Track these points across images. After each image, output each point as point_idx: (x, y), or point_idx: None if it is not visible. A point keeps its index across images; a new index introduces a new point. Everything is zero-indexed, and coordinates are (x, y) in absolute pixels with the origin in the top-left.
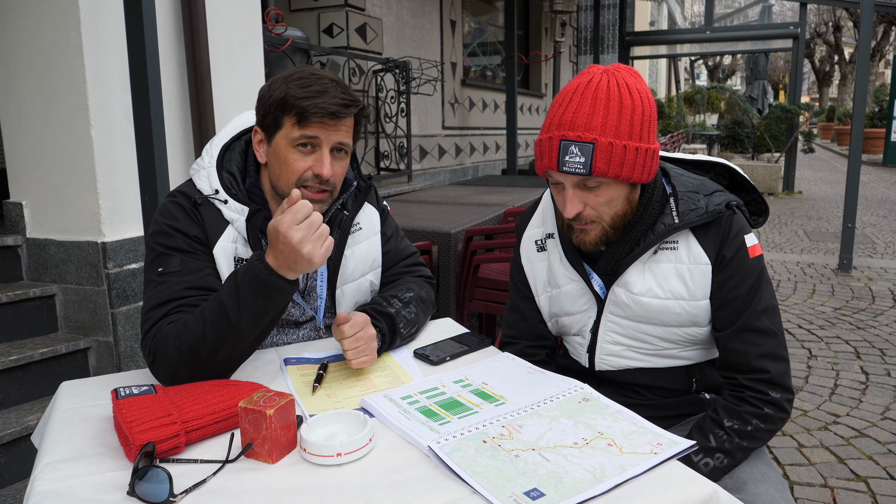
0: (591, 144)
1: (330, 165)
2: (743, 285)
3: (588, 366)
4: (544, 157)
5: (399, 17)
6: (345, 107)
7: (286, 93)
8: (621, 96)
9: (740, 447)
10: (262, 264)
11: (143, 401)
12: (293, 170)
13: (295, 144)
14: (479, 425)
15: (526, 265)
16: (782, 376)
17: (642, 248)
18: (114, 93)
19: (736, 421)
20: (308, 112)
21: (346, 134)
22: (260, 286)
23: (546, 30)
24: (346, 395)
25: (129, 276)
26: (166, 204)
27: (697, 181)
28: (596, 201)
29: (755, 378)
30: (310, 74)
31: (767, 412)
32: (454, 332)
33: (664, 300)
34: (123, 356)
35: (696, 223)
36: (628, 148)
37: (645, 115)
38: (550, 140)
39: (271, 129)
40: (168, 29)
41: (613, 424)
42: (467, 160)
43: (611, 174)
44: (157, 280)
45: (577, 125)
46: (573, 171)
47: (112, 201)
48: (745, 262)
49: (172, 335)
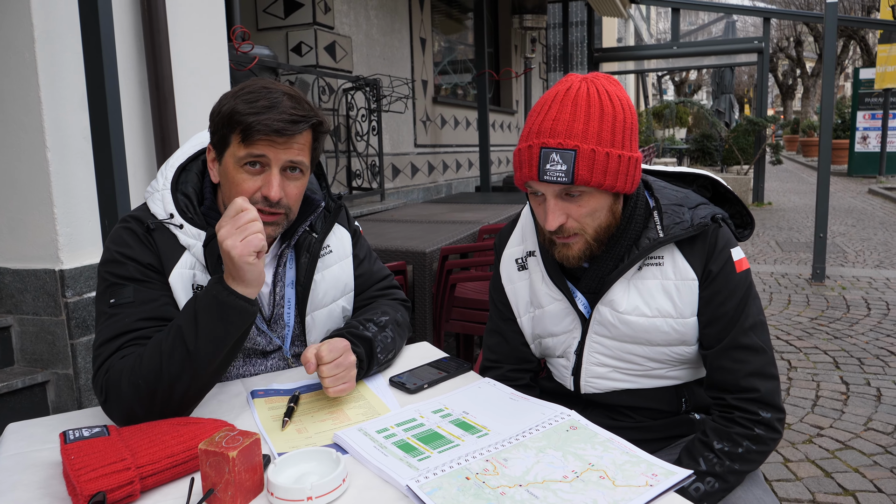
0: (573, 152)
1: (279, 186)
2: (730, 301)
3: (573, 389)
4: (524, 166)
5: (369, 36)
6: (293, 123)
7: (232, 108)
8: (602, 103)
9: (732, 470)
10: (221, 284)
11: (94, 444)
12: (241, 191)
13: (242, 164)
14: (461, 460)
15: (507, 285)
16: (772, 395)
17: (627, 264)
18: (71, 112)
19: (726, 443)
20: (252, 129)
21: (298, 152)
22: (218, 307)
23: (516, 47)
24: (317, 430)
25: (90, 304)
26: (118, 230)
27: (681, 194)
28: (579, 212)
29: (744, 398)
30: (260, 88)
31: (758, 433)
32: (431, 357)
33: (651, 318)
34: (84, 390)
35: (682, 237)
36: (611, 155)
37: (626, 122)
38: (530, 149)
39: (220, 147)
40: (128, 46)
41: (604, 454)
42: (440, 178)
43: (594, 182)
44: (109, 312)
45: (558, 132)
46: (555, 179)
47: (70, 226)
48: (732, 276)
49: (126, 370)
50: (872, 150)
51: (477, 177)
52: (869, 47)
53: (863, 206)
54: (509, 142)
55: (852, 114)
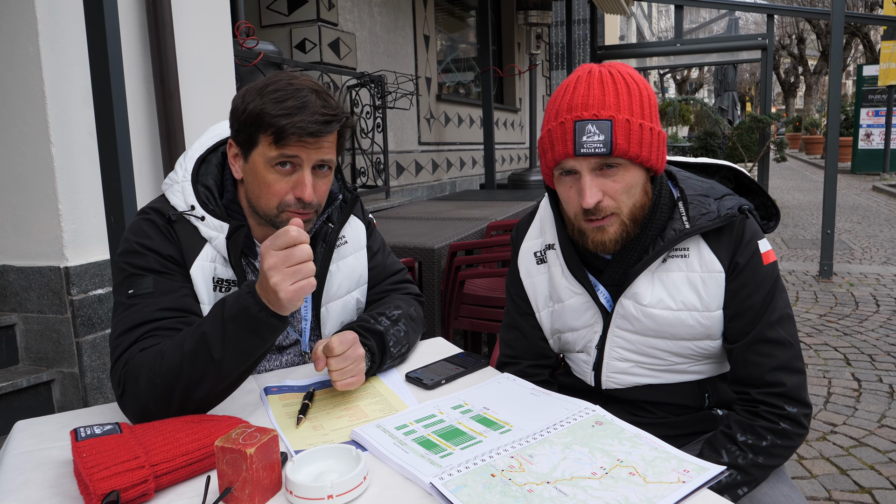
0: (609, 121)
1: (312, 187)
2: (757, 294)
3: (594, 384)
4: (556, 144)
5: (372, 33)
6: (326, 124)
7: (261, 109)
8: (626, 80)
9: (755, 464)
10: (253, 298)
11: (107, 442)
12: (273, 192)
13: (273, 164)
14: (485, 456)
15: (525, 279)
16: (799, 389)
17: (652, 256)
18: (75, 108)
19: (750, 436)
20: (286, 132)
21: (328, 150)
22: (249, 321)
23: (519, 45)
24: (334, 427)
25: (95, 302)
26: (137, 221)
27: (706, 184)
28: (615, 188)
29: (770, 392)
30: (286, 86)
31: (784, 427)
32: (447, 352)
33: (676, 312)
34: (90, 388)
35: (709, 228)
36: (644, 126)
37: (651, 99)
38: (563, 125)
39: (246, 145)
40: (133, 41)
41: (632, 450)
42: (444, 176)
43: (632, 152)
44: (128, 303)
45: (591, 105)
46: (593, 151)
47: (75, 223)
48: (760, 269)
49: (146, 365)
50: (876, 147)
51: (480, 175)
52: (872, 44)
53: (867, 203)
54: (513, 140)
55: (856, 111)
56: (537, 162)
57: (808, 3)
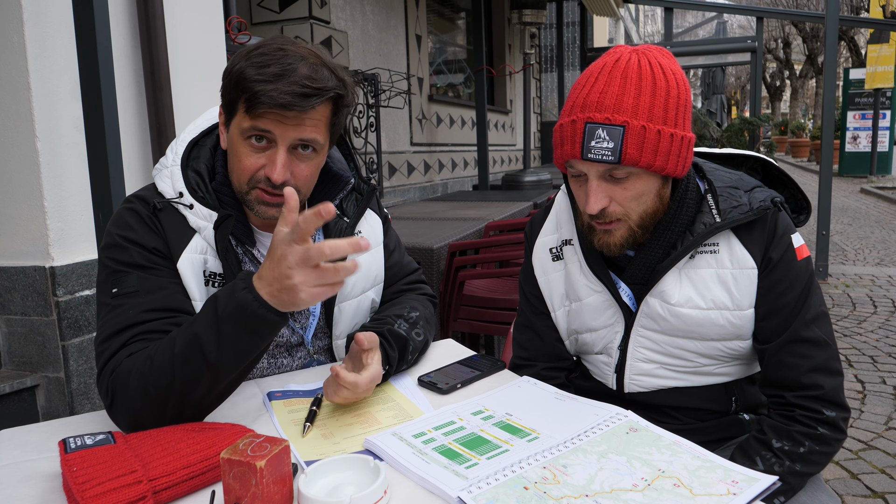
0: (622, 128)
1: (284, 167)
2: (791, 291)
3: (615, 387)
4: (566, 143)
5: (365, 31)
6: (302, 97)
7: (242, 71)
8: (654, 76)
9: (792, 471)
10: (251, 294)
11: (99, 454)
12: (243, 167)
13: (246, 136)
14: (514, 467)
15: (539, 276)
16: (836, 392)
17: (681, 252)
18: (62, 100)
19: (786, 442)
20: (256, 100)
21: (312, 129)
22: (246, 319)
23: (509, 46)
24: (345, 435)
25: (83, 303)
26: (120, 211)
27: (735, 176)
28: (624, 195)
29: (807, 395)
30: (275, 50)
31: (822, 432)
32: (458, 354)
33: (706, 311)
34: (76, 394)
35: (741, 221)
36: (663, 133)
37: (681, 98)
38: (573, 124)
39: (228, 112)
40: (122, 32)
41: (673, 459)
42: (436, 177)
43: (643, 163)
44: (112, 303)
45: (606, 106)
46: (600, 157)
47: (61, 221)
48: (794, 264)
49: (135, 371)
50: (863, 150)
51: (472, 176)
52: (858, 48)
53: (857, 205)
54: (503, 141)
55: (842, 114)
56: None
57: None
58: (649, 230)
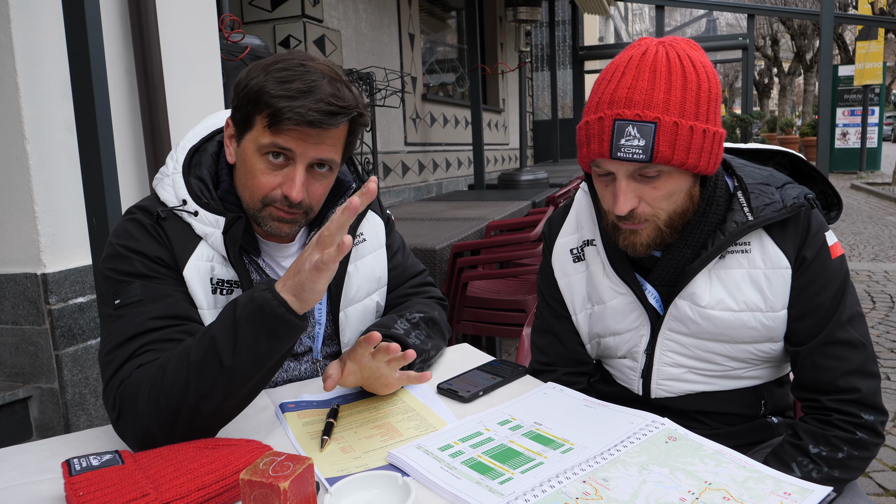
0: (653, 125)
1: (302, 187)
2: (826, 291)
3: (641, 393)
4: (592, 141)
5: (358, 30)
6: (330, 115)
7: (262, 86)
8: (684, 69)
9: (831, 478)
10: (271, 293)
11: (107, 476)
12: (259, 185)
13: (264, 153)
14: (552, 481)
15: (560, 279)
16: (874, 395)
17: (712, 252)
18: (52, 101)
19: (824, 447)
20: (281, 116)
21: (330, 148)
22: (265, 320)
23: (501, 45)
24: (366, 449)
25: (76, 311)
26: (122, 223)
27: (765, 172)
28: (654, 195)
29: (844, 399)
30: (297, 65)
31: (860, 437)
32: (476, 359)
33: (738, 313)
34: (71, 405)
35: (775, 219)
36: (695, 130)
37: (711, 92)
38: (601, 121)
39: (241, 126)
40: (114, 30)
41: (718, 470)
42: (430, 177)
43: (675, 161)
44: (116, 314)
45: (635, 102)
46: (630, 156)
47: (53, 226)
48: (828, 263)
49: (146, 382)
50: (852, 147)
51: (467, 176)
52: (846, 44)
53: (848, 200)
54: (496, 140)
55: (831, 110)
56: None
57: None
58: (678, 230)
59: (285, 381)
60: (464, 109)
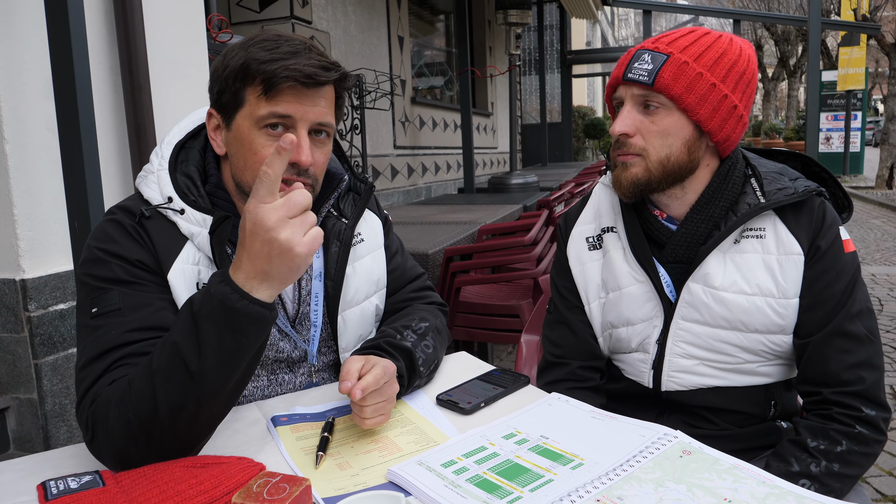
0: (665, 56)
1: (309, 150)
2: (838, 283)
3: (652, 386)
4: (617, 69)
5: (347, 32)
6: (324, 69)
7: (247, 58)
8: (722, 40)
9: (831, 472)
10: (228, 285)
11: (86, 500)
12: (261, 158)
13: (262, 125)
14: (565, 500)
15: (574, 267)
16: (877, 389)
17: (725, 232)
18: (33, 100)
19: (822, 441)
20: (277, 77)
21: (326, 110)
22: (226, 315)
23: (490, 48)
24: (364, 465)
25: (57, 318)
26: (101, 224)
27: (778, 166)
28: (650, 129)
29: (846, 391)
30: (275, 37)
31: (860, 431)
32: (475, 368)
33: (751, 296)
34: (51, 416)
35: (786, 202)
36: (704, 78)
37: (746, 75)
38: (628, 52)
39: (230, 108)
40: (98, 27)
41: (737, 486)
42: (420, 180)
43: (673, 92)
44: (92, 325)
45: (661, 41)
46: (636, 77)
47: (33, 230)
48: (841, 256)
49: (115, 400)
50: (836, 151)
51: (456, 179)
52: (829, 50)
53: None
54: (486, 144)
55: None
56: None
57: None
58: (664, 182)
59: (279, 395)
60: (453, 113)
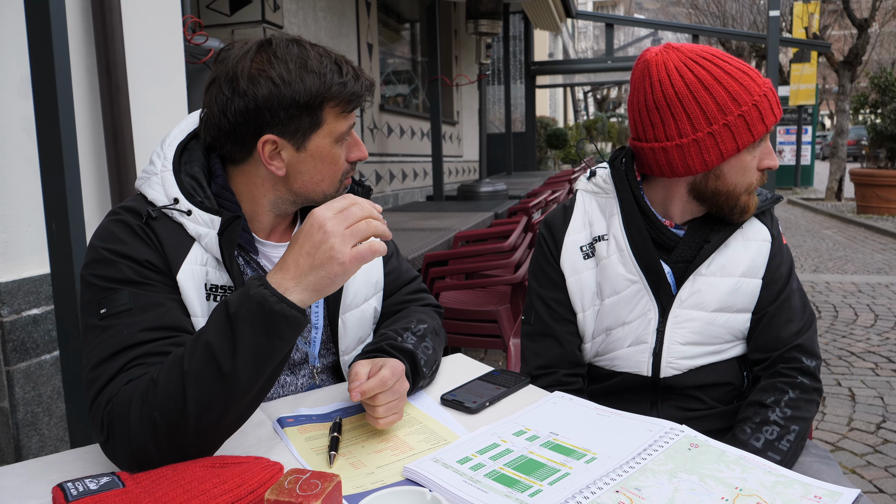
0: None
1: None
2: (784, 266)
3: (651, 374)
4: (773, 110)
5: (317, 38)
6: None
7: (322, 82)
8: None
9: (787, 417)
10: (267, 289)
11: (109, 500)
12: (339, 167)
13: (341, 139)
14: (585, 492)
15: (570, 277)
16: (812, 343)
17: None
18: (8, 99)
19: (772, 394)
20: (356, 97)
21: None
22: (265, 318)
23: (456, 58)
24: (378, 464)
25: (30, 324)
26: (105, 224)
27: None
28: None
29: (790, 346)
30: (324, 53)
31: (801, 381)
32: (474, 369)
33: (738, 278)
34: (23, 425)
35: (767, 206)
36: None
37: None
38: (765, 96)
39: (305, 130)
40: (75, 26)
41: (746, 475)
42: (387, 188)
43: None
44: (101, 325)
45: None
46: None
47: (6, 232)
48: (783, 245)
49: (137, 398)
50: (788, 164)
51: (423, 187)
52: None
53: (786, 215)
54: (452, 152)
55: None
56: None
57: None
58: None
59: (280, 397)
60: (420, 121)
